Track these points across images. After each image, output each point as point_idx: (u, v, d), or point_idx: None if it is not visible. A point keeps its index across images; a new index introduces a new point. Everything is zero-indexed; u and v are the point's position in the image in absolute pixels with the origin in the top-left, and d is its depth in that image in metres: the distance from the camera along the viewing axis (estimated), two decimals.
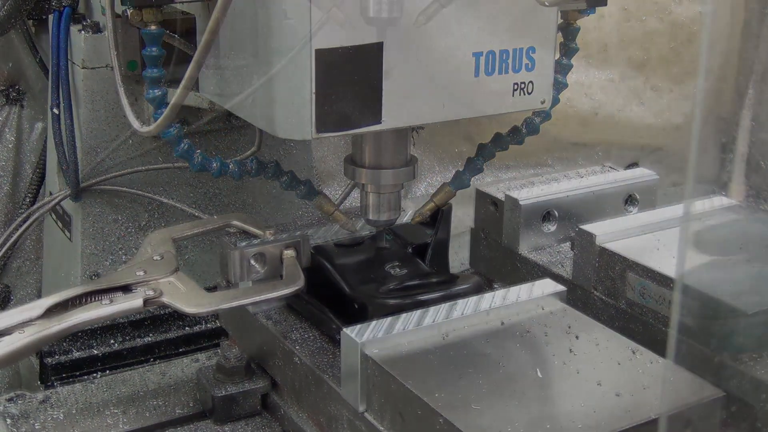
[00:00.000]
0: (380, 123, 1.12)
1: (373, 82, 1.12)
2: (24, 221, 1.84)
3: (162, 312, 1.71)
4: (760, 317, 1.08)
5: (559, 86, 1.32)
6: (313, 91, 1.08)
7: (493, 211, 1.43)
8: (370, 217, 1.24)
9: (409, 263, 1.24)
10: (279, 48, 1.11)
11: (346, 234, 1.31)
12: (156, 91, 1.19)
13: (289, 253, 1.21)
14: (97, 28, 1.63)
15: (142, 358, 1.67)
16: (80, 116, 1.65)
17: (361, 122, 1.11)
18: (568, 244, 1.41)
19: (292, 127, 1.09)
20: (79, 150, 1.64)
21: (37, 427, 1.20)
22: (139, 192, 1.70)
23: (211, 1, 1.21)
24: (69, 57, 1.63)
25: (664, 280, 1.17)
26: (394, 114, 1.13)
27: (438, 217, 1.32)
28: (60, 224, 1.79)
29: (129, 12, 1.17)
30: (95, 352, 1.65)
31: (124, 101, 1.40)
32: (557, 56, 1.31)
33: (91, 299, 1.09)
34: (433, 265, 1.26)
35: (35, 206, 1.87)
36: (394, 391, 0.98)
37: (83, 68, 1.63)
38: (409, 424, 0.97)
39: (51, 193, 1.85)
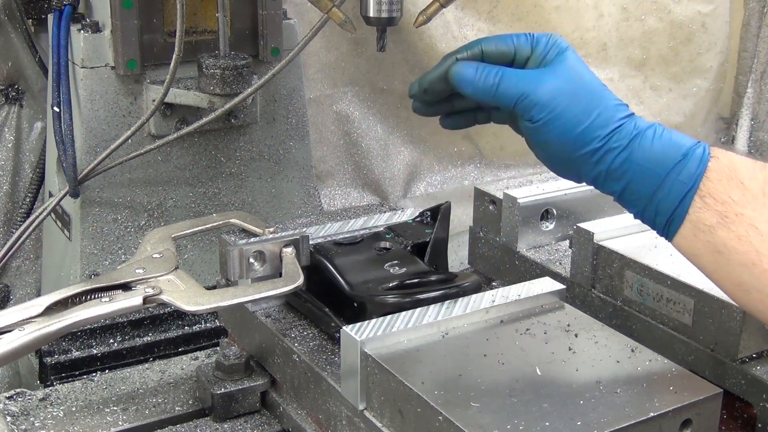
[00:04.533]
0: None
1: None
2: (23, 221, 1.84)
3: (161, 311, 1.71)
4: None
5: None
6: None
7: (491, 210, 1.43)
8: (370, 14, 1.18)
9: (409, 262, 1.24)
10: None
11: (345, 233, 1.32)
12: None
13: (288, 251, 1.21)
14: (96, 28, 1.64)
15: (142, 358, 1.67)
16: (80, 115, 1.65)
17: None
18: (566, 242, 1.41)
19: None
20: (78, 149, 1.64)
21: (36, 425, 1.20)
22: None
23: None
24: (69, 56, 1.63)
25: (662, 278, 1.17)
26: None
27: (437, 216, 1.32)
28: (59, 224, 1.79)
29: None
30: (95, 351, 1.65)
31: None
32: None
33: (90, 297, 1.09)
34: (433, 264, 1.26)
35: (36, 208, 1.88)
36: (393, 388, 0.98)
37: (82, 68, 1.63)
38: (409, 422, 0.97)
39: (50, 193, 1.85)
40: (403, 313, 1.07)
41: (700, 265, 1.00)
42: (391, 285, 1.17)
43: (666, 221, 1.00)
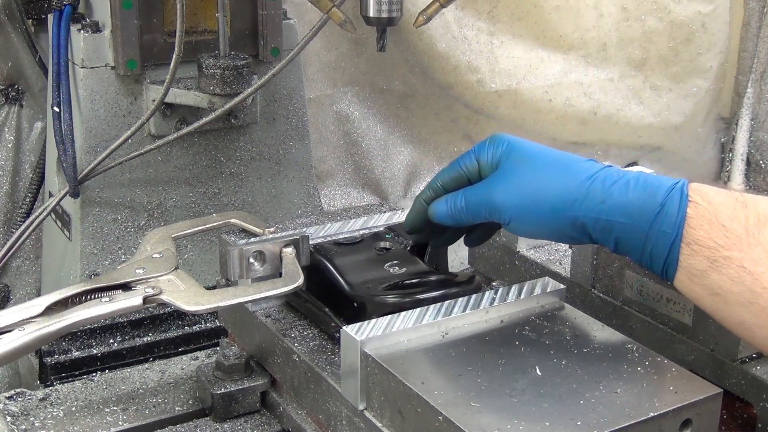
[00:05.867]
0: None
1: None
2: (23, 221, 1.84)
3: (161, 311, 1.72)
4: None
5: None
6: None
7: None
8: (370, 14, 1.18)
9: (409, 262, 1.24)
10: None
11: (345, 233, 1.31)
12: None
13: (288, 251, 1.21)
14: (96, 28, 1.64)
15: (142, 358, 1.67)
16: (80, 115, 1.65)
17: None
18: None
19: None
20: (78, 149, 1.64)
21: (36, 425, 1.20)
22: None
23: None
24: (69, 56, 1.63)
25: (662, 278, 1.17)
26: None
27: None
28: (59, 224, 1.79)
29: None
30: (95, 351, 1.65)
31: None
32: None
33: (90, 297, 1.09)
34: (433, 264, 1.26)
35: (36, 208, 1.88)
36: (393, 389, 0.98)
37: (82, 68, 1.63)
38: (409, 422, 0.97)
39: (50, 193, 1.85)
40: (403, 313, 1.07)
41: (702, 306, 1.00)
42: (391, 285, 1.17)
43: (662, 268, 1.00)
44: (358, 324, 1.05)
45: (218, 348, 1.27)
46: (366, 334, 1.03)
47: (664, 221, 0.98)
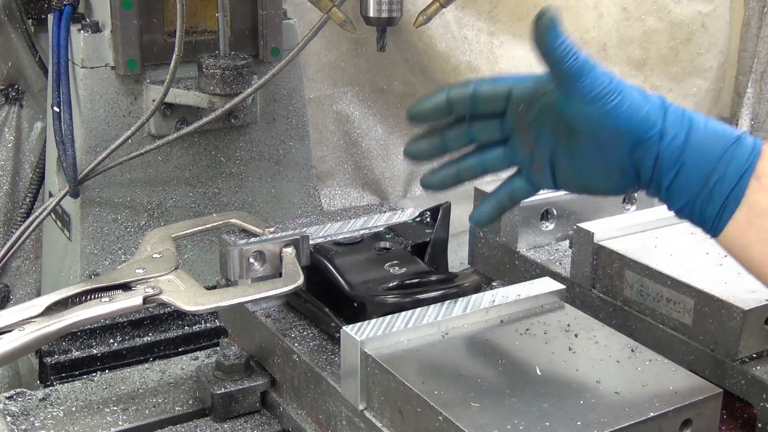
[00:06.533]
0: None
1: None
2: (23, 221, 1.84)
3: (161, 311, 1.72)
4: None
5: None
6: None
7: None
8: (370, 14, 1.18)
9: (409, 262, 1.24)
10: None
11: (345, 233, 1.32)
12: None
13: (288, 251, 1.21)
14: (96, 28, 1.64)
15: (142, 358, 1.67)
16: (80, 115, 1.65)
17: None
18: (566, 242, 1.41)
19: None
20: (78, 149, 1.64)
21: (36, 425, 1.20)
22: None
23: None
24: (69, 56, 1.63)
25: (663, 278, 1.17)
26: None
27: (437, 216, 1.32)
28: (59, 224, 1.79)
29: None
30: (95, 351, 1.65)
31: None
32: None
33: (90, 297, 1.09)
34: (433, 264, 1.26)
35: (36, 208, 1.88)
36: (393, 388, 0.99)
37: (82, 68, 1.63)
38: (409, 422, 0.97)
39: (50, 193, 1.85)
40: (403, 313, 1.07)
41: (749, 257, 0.95)
42: (391, 285, 1.17)
43: (719, 208, 0.94)
44: (358, 324, 1.05)
45: (218, 348, 1.27)
46: (366, 334, 1.03)
47: (737, 150, 0.93)
